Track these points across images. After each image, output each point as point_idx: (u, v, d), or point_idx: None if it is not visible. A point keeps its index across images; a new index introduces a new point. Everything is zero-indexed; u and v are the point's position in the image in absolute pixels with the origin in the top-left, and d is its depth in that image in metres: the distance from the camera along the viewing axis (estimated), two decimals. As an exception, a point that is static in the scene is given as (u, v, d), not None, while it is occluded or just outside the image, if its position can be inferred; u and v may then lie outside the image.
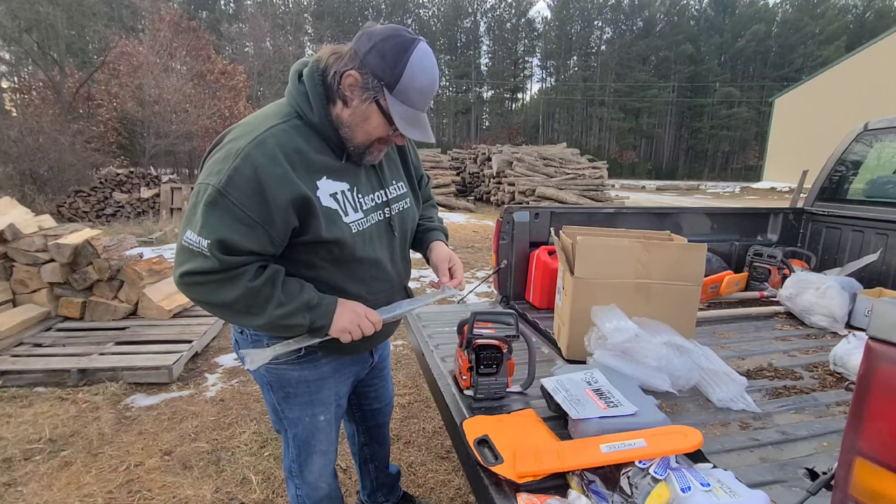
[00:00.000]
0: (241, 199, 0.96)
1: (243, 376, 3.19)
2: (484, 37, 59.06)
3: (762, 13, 55.68)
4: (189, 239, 0.98)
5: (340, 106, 1.06)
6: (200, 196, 0.98)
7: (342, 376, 1.35)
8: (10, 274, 3.63)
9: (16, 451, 2.30)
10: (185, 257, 0.99)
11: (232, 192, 0.96)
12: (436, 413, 2.69)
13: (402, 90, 1.00)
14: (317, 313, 1.08)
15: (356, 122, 1.05)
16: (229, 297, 1.01)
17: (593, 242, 1.78)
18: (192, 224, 0.98)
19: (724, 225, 3.04)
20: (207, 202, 0.97)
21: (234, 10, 45.27)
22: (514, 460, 1.13)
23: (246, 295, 1.01)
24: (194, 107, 15.38)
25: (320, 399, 1.30)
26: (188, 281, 1.00)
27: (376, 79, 1.00)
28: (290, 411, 1.29)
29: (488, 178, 14.05)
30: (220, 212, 0.97)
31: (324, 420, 1.32)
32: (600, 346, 1.57)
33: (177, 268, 1.01)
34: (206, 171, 1.01)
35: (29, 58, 15.79)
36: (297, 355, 1.22)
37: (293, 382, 1.25)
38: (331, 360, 1.28)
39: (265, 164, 0.98)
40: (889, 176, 2.86)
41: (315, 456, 1.36)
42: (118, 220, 9.67)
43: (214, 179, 0.97)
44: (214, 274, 0.98)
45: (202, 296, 1.03)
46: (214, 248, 0.96)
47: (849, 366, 1.72)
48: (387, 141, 1.11)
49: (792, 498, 1.04)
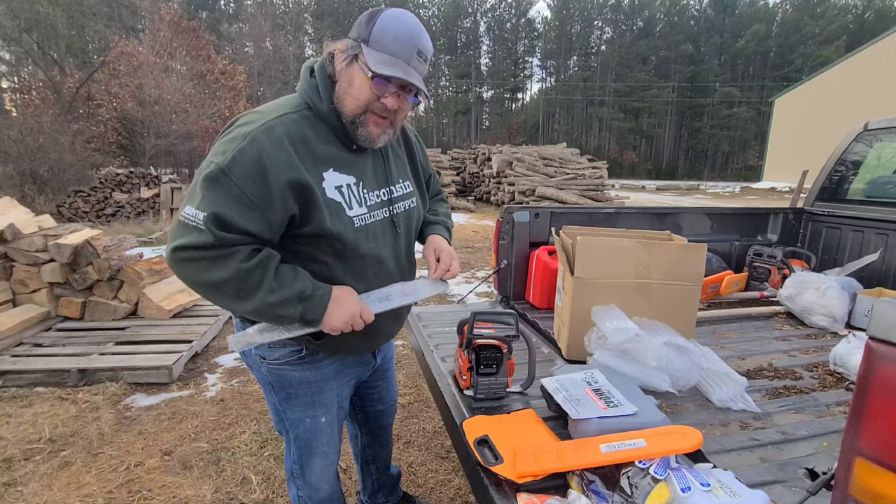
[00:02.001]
0: (242, 180, 0.97)
1: (243, 376, 3.19)
2: (484, 37, 59.11)
3: (762, 13, 55.69)
4: (186, 213, 0.98)
5: (336, 86, 1.08)
6: (203, 173, 0.99)
7: (344, 378, 1.34)
8: (10, 274, 3.63)
9: (16, 451, 2.30)
10: (181, 232, 0.98)
11: (234, 172, 0.97)
12: (436, 413, 2.69)
13: (377, 40, 1.02)
14: (308, 305, 1.05)
15: (343, 89, 1.07)
16: (219, 277, 0.98)
17: (593, 242, 1.78)
18: (192, 199, 0.99)
19: (724, 225, 3.04)
20: (209, 178, 0.98)
21: (234, 10, 45.28)
22: (514, 460, 1.13)
23: (237, 276, 0.99)
24: (194, 107, 15.40)
25: (322, 400, 1.29)
26: (181, 256, 0.98)
27: (354, 41, 1.05)
28: (291, 412, 1.29)
29: (488, 178, 14.05)
30: (221, 189, 0.97)
31: (325, 421, 1.31)
32: (600, 346, 1.57)
33: (170, 243, 1.00)
34: (213, 151, 1.02)
35: (29, 58, 15.79)
36: (298, 356, 1.21)
37: (295, 383, 1.25)
38: (333, 362, 1.27)
39: (270, 148, 1.00)
40: (889, 176, 2.86)
41: (316, 457, 1.35)
42: (118, 220, 9.67)
43: (219, 158, 0.98)
44: (207, 250, 0.97)
45: (193, 274, 1.00)
46: (210, 222, 0.96)
47: (849, 366, 1.72)
48: (381, 111, 1.08)
49: (792, 498, 1.04)
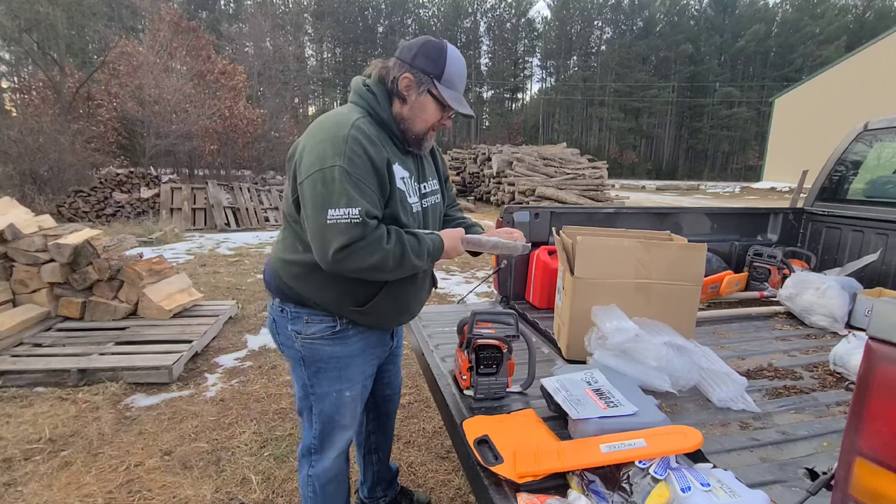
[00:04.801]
0: (361, 174, 1.14)
1: (243, 376, 3.19)
2: (484, 37, 59.13)
3: (762, 13, 55.67)
4: (335, 216, 1.11)
5: (399, 104, 1.28)
6: (330, 176, 1.12)
7: (368, 357, 1.45)
8: (10, 274, 3.63)
9: (16, 451, 2.30)
10: (334, 233, 1.11)
11: (353, 172, 1.13)
12: (436, 413, 2.69)
13: (448, 78, 1.26)
14: (433, 252, 1.27)
15: (415, 113, 1.28)
16: (378, 259, 1.15)
17: (593, 242, 1.78)
18: (332, 202, 1.11)
19: (724, 225, 3.04)
20: (341, 180, 1.12)
21: (234, 10, 45.27)
22: (514, 460, 1.13)
23: (388, 255, 1.16)
24: (194, 107, 15.38)
25: (348, 375, 1.40)
26: (346, 254, 1.12)
27: (426, 74, 1.25)
28: (319, 386, 1.39)
29: (488, 178, 14.05)
30: (352, 185, 1.12)
31: (349, 396, 1.42)
32: (600, 346, 1.57)
33: (328, 247, 1.12)
34: (318, 159, 1.14)
35: (29, 58, 15.78)
36: (332, 331, 1.34)
37: (325, 357, 1.36)
38: (359, 339, 1.39)
39: (368, 145, 1.17)
40: (889, 176, 2.86)
41: (338, 430, 1.44)
42: (118, 220, 9.67)
43: (340, 160, 1.12)
44: (362, 241, 1.12)
45: (357, 263, 1.14)
46: (364, 215, 1.12)
47: (849, 366, 1.72)
48: (436, 127, 1.33)
49: (792, 498, 1.04)
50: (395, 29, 55.93)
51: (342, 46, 55.47)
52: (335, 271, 1.17)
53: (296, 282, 1.31)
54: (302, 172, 1.17)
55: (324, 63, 54.20)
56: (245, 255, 7.28)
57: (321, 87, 51.47)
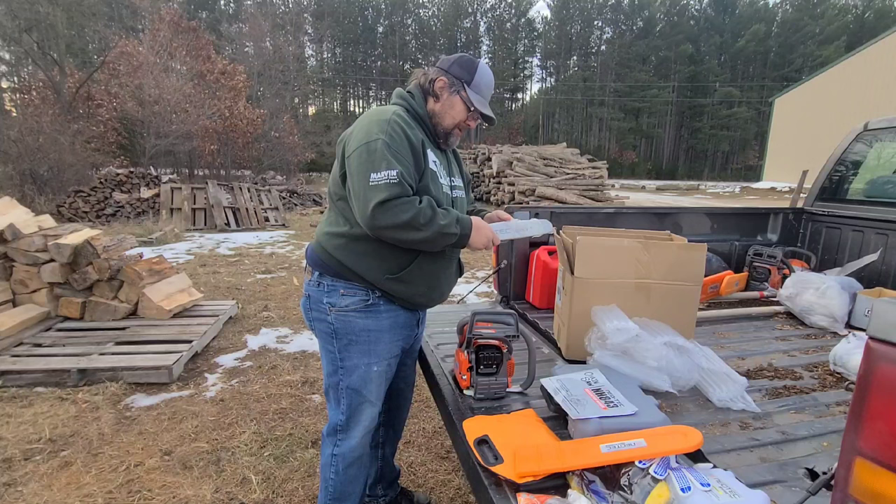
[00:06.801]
0: (398, 149, 1.33)
1: (243, 376, 3.19)
2: (484, 37, 59.08)
3: (762, 13, 55.66)
4: (377, 178, 1.28)
5: (432, 101, 1.51)
6: (374, 147, 1.31)
7: (396, 336, 1.54)
8: (10, 274, 3.63)
9: (16, 451, 2.30)
10: (376, 192, 1.27)
11: (392, 144, 1.32)
12: (436, 413, 2.69)
13: (476, 85, 1.51)
14: (462, 225, 1.39)
15: (445, 110, 1.50)
16: (411, 216, 1.28)
17: (593, 242, 1.78)
18: (374, 167, 1.29)
19: (724, 225, 3.04)
20: (382, 149, 1.30)
21: (234, 10, 45.24)
22: (514, 460, 1.13)
23: (421, 212, 1.30)
24: (194, 107, 15.39)
25: (377, 350, 1.49)
26: (386, 207, 1.26)
27: (458, 80, 1.50)
28: (349, 359, 1.48)
29: (488, 177, 14.04)
30: (392, 154, 1.31)
31: (377, 371, 1.50)
32: (600, 346, 1.57)
33: (369, 203, 1.27)
34: (364, 135, 1.34)
35: (29, 58, 15.77)
36: (365, 303, 1.46)
37: (357, 330, 1.46)
38: (389, 316, 1.50)
39: (405, 127, 1.38)
40: (889, 176, 2.86)
41: (365, 406, 1.51)
42: (118, 220, 9.67)
43: (382, 135, 1.32)
44: (399, 198, 1.28)
45: (393, 219, 1.28)
46: (401, 176, 1.29)
47: (849, 366, 1.72)
48: (462, 127, 1.54)
49: (792, 498, 1.04)
50: (395, 29, 55.93)
51: (342, 46, 55.45)
52: (374, 228, 1.29)
53: (338, 251, 1.45)
54: (350, 147, 1.36)
55: (324, 63, 54.16)
56: (245, 255, 7.28)
57: (321, 87, 51.44)
